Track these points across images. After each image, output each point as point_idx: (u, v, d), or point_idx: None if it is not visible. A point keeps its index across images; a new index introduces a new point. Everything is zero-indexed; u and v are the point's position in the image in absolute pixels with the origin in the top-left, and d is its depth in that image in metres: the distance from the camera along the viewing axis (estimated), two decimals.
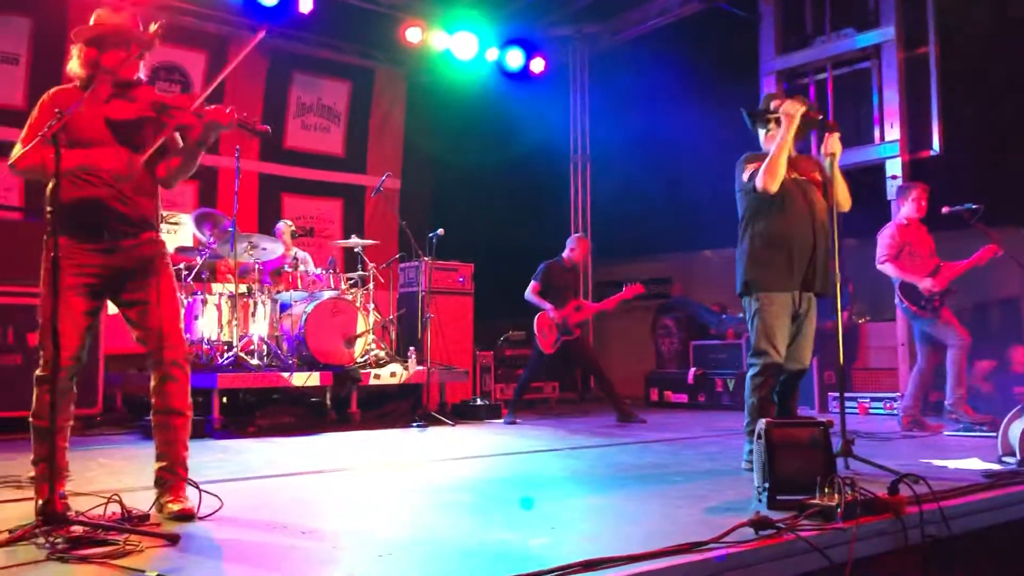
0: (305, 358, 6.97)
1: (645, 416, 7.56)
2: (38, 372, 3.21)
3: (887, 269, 6.41)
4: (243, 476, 4.08)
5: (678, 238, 12.49)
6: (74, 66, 3.35)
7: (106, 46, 3.29)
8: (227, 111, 3.29)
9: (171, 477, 3.28)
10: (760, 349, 4.34)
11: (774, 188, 4.24)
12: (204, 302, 7.03)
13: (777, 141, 4.28)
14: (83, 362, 3.30)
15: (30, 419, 3.20)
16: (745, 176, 4.41)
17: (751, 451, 3.92)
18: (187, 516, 3.13)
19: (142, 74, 3.41)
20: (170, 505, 3.19)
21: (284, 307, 7.34)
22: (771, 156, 4.26)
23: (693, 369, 9.34)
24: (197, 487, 3.26)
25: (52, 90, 3.35)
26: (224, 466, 4.67)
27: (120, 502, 2.97)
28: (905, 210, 6.59)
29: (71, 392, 3.33)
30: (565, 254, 7.70)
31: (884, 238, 6.52)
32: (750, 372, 4.42)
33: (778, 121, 4.37)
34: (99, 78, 3.27)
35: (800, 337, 4.47)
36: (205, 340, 6.95)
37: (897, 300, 6.50)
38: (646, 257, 12.50)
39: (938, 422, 6.38)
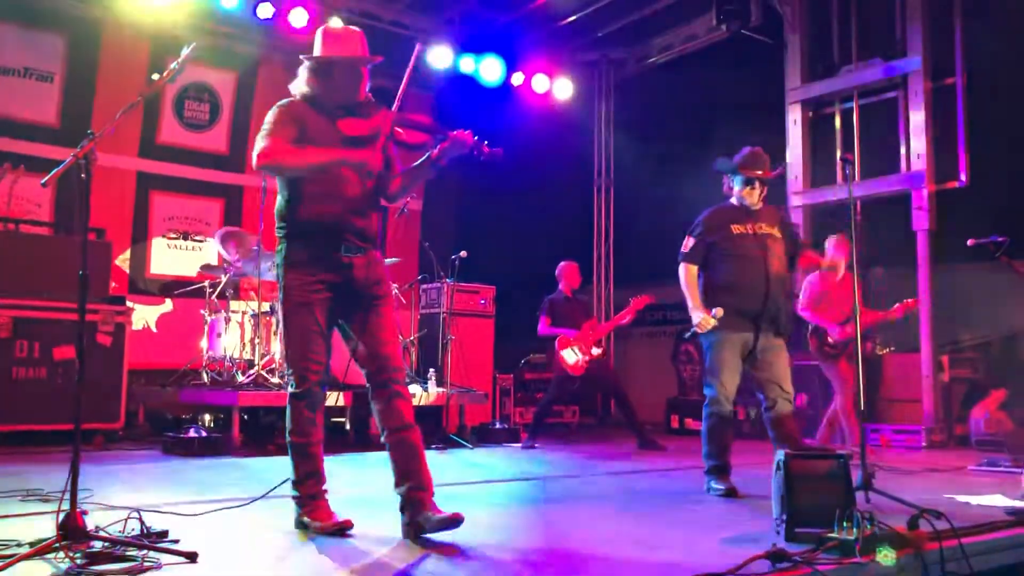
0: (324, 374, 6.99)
1: (665, 443, 7.51)
2: (292, 390, 3.32)
3: (804, 315, 6.65)
4: (261, 495, 4.09)
5: None
6: (299, 85, 3.41)
7: (336, 73, 3.36)
8: (468, 135, 3.31)
9: (422, 495, 3.21)
10: (706, 382, 4.82)
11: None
12: (227, 320, 7.09)
13: (687, 298, 4.80)
14: (327, 378, 3.41)
15: (288, 438, 3.34)
16: (684, 248, 4.87)
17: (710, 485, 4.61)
18: (458, 521, 3.13)
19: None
20: (429, 516, 3.15)
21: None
22: (687, 297, 4.81)
23: None
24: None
25: (284, 101, 3.41)
26: (242, 484, 4.69)
27: (140, 518, 2.99)
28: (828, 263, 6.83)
29: (323, 404, 3.42)
30: (560, 285, 7.76)
31: (807, 285, 6.79)
32: (706, 401, 4.85)
33: (749, 184, 4.76)
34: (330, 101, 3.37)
35: (770, 370, 4.80)
36: (227, 358, 7.01)
37: (810, 343, 6.79)
38: (668, 283, 12.42)
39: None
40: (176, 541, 2.96)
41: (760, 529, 3.48)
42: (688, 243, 4.83)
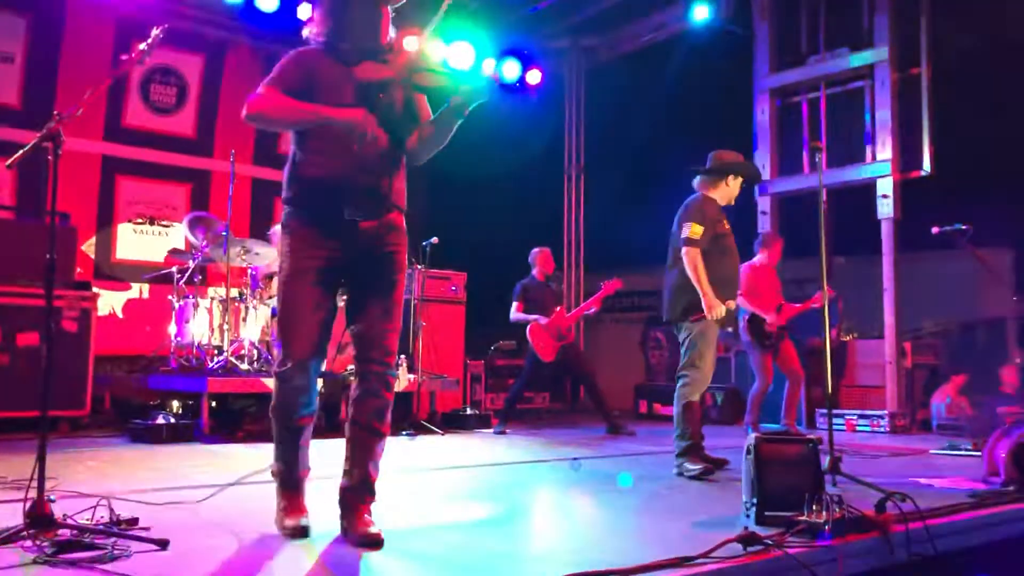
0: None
1: (634, 428, 7.57)
2: (275, 368, 3.01)
3: (741, 302, 6.61)
4: (231, 482, 4.06)
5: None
6: (311, 29, 3.08)
7: (350, 11, 3.00)
8: (491, 76, 2.95)
9: (357, 503, 2.99)
10: (693, 365, 4.95)
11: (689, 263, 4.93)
12: (196, 306, 7.02)
13: (701, 287, 4.84)
14: (322, 360, 3.04)
15: (270, 415, 3.08)
16: (682, 233, 4.99)
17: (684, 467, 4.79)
18: (377, 543, 2.85)
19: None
20: (355, 528, 2.92)
21: (275, 312, 7.32)
22: (700, 287, 4.85)
23: None
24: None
25: (297, 49, 3.06)
26: (212, 471, 4.66)
27: (108, 505, 2.96)
28: (760, 258, 7.20)
29: (312, 388, 3.04)
30: (534, 271, 7.78)
31: (743, 274, 6.69)
32: (680, 383, 4.99)
33: (721, 179, 5.17)
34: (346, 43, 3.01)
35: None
36: (196, 344, 6.94)
37: (742, 331, 6.92)
38: (638, 269, 12.52)
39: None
40: (147, 529, 2.93)
41: (730, 513, 3.52)
42: (697, 230, 4.92)
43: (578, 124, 11.81)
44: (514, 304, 7.62)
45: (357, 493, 3.00)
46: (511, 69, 10.28)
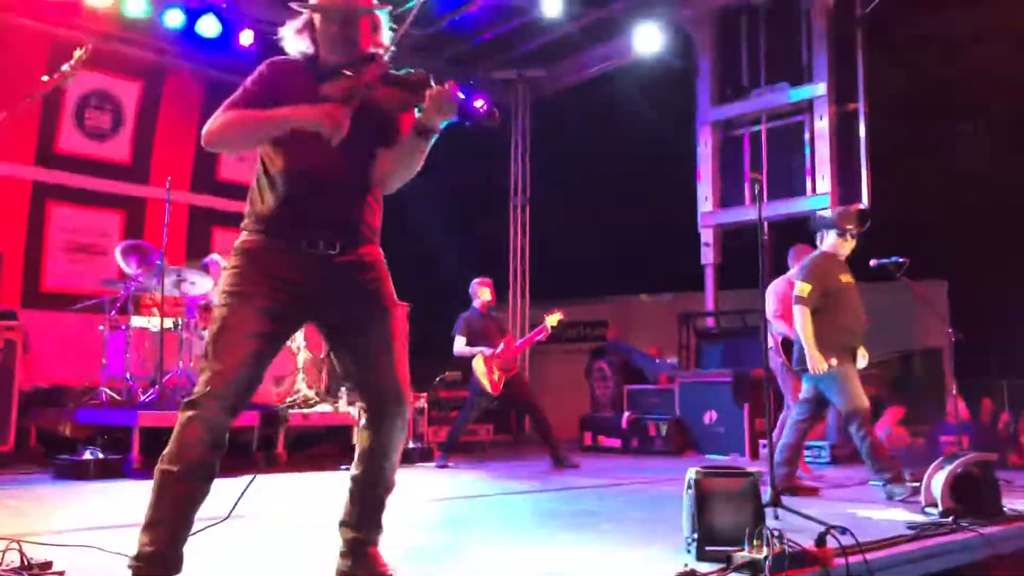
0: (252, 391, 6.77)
1: (578, 460, 7.51)
2: (183, 398, 2.58)
3: (780, 325, 6.41)
4: None
5: (615, 282, 12.64)
6: (289, 44, 2.82)
7: (325, 25, 2.73)
8: (452, 89, 2.60)
9: (373, 549, 2.78)
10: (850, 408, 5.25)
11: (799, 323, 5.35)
12: (128, 337, 6.80)
13: (805, 344, 5.30)
14: (244, 399, 2.57)
15: (159, 462, 2.56)
16: (795, 289, 5.43)
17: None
18: None
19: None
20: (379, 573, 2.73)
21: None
22: (804, 344, 5.30)
23: (627, 414, 9.34)
24: None
25: (268, 61, 2.79)
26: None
27: (19, 549, 2.79)
28: (793, 272, 6.73)
29: (222, 431, 2.55)
30: (475, 303, 7.69)
31: (778, 294, 6.56)
32: (853, 429, 5.27)
33: (843, 235, 5.48)
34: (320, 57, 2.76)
35: None
36: (127, 376, 6.72)
37: (775, 353, 6.49)
38: (583, 300, 12.58)
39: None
40: (60, 573, 2.77)
41: (672, 547, 3.47)
42: (804, 288, 5.32)
43: (524, 155, 11.85)
44: (457, 338, 7.52)
45: (373, 543, 2.81)
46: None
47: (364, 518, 2.77)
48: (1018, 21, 8.54)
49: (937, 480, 4.42)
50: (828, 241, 5.53)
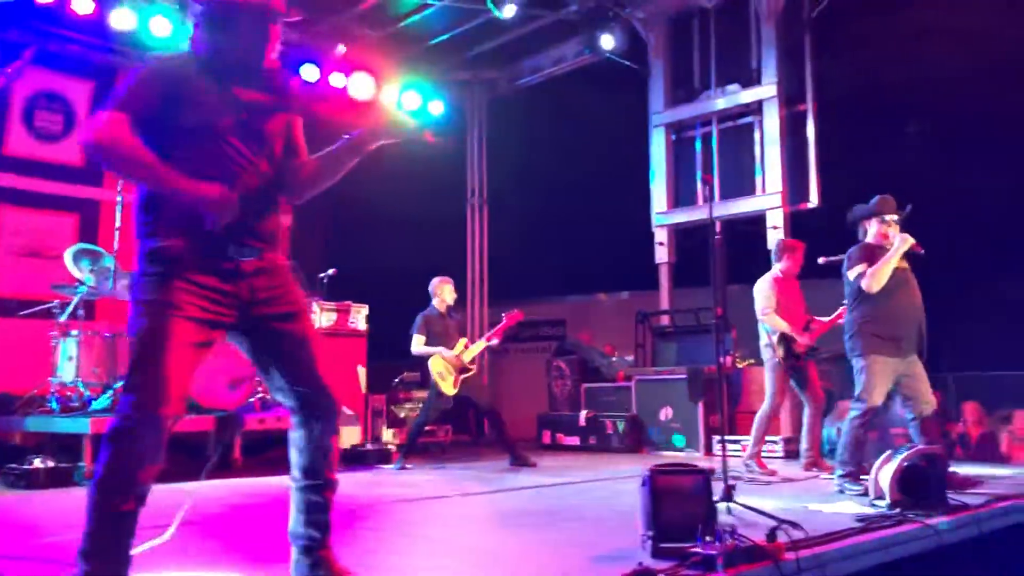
0: (186, 402, 6.69)
1: (537, 459, 7.56)
2: (116, 423, 2.43)
3: (772, 320, 6.50)
4: None
5: (573, 281, 12.72)
6: (190, 41, 2.73)
7: (236, 25, 2.66)
8: (407, 118, 2.70)
9: (327, 554, 2.77)
10: (861, 399, 5.29)
11: (876, 290, 5.24)
12: (79, 342, 6.69)
13: (886, 260, 5.22)
14: (181, 413, 2.54)
15: (94, 490, 2.41)
16: (851, 275, 5.38)
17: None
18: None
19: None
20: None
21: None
22: (879, 269, 5.22)
23: (585, 412, 9.41)
24: None
25: (161, 57, 2.68)
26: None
27: None
28: (782, 265, 6.77)
29: (161, 448, 2.48)
30: (434, 302, 7.67)
31: (764, 291, 6.64)
32: (852, 414, 5.29)
33: (884, 223, 5.41)
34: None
35: (915, 383, 5.36)
36: (79, 382, 6.61)
37: (768, 348, 6.57)
38: (542, 299, 12.63)
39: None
40: None
41: (630, 545, 3.53)
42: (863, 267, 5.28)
43: (480, 155, 11.88)
44: (415, 337, 7.51)
45: (327, 547, 2.79)
46: (412, 101, 10.28)
47: (311, 522, 2.76)
48: (963, 20, 8.78)
49: (885, 473, 4.54)
50: (871, 231, 5.48)
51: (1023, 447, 7.70)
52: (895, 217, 5.40)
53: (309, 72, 9.29)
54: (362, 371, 8.41)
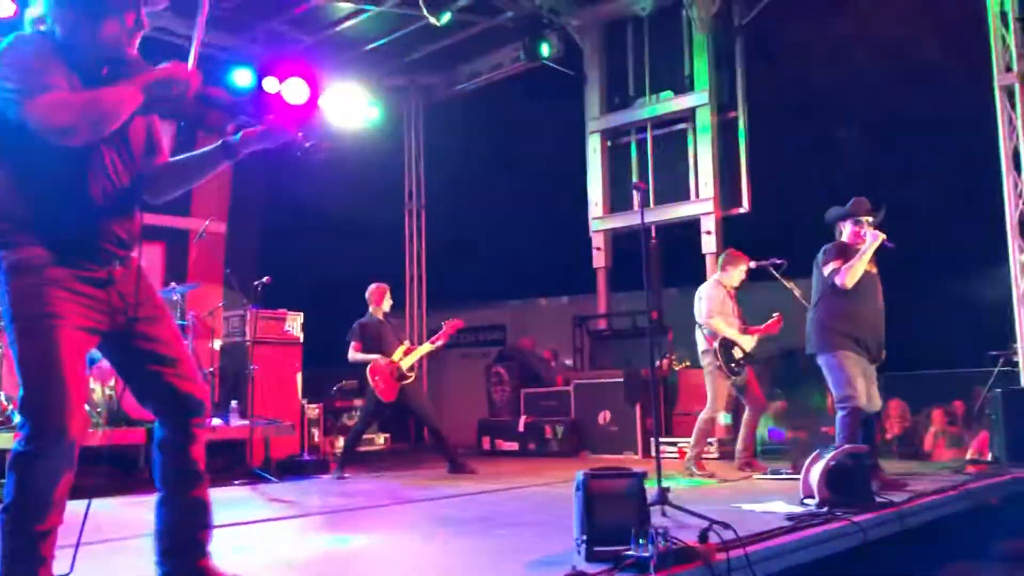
0: (116, 415, 6.53)
1: (476, 465, 7.54)
2: (20, 446, 2.32)
3: (715, 324, 6.55)
4: None
5: (513, 286, 12.75)
6: (45, 22, 2.53)
7: (102, 11, 2.50)
8: (286, 125, 2.68)
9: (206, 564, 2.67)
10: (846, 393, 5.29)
11: (850, 286, 5.31)
12: (3, 355, 6.47)
13: (860, 255, 5.31)
14: (85, 428, 2.48)
15: (7, 519, 2.31)
16: (826, 271, 5.43)
17: None
18: None
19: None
20: None
21: (92, 360, 6.86)
22: (852, 266, 5.30)
23: (524, 417, 9.43)
24: None
25: (26, 35, 2.48)
26: None
27: None
28: (725, 275, 6.83)
29: (71, 467, 2.40)
30: (371, 308, 7.61)
31: (708, 296, 6.70)
32: (841, 415, 5.26)
33: (858, 224, 5.51)
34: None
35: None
36: (3, 396, 6.39)
37: (708, 354, 6.62)
38: (482, 304, 12.64)
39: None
40: None
41: (565, 550, 3.54)
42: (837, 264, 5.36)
43: (418, 160, 11.85)
44: (351, 344, 7.44)
45: (206, 556, 2.72)
46: (347, 106, 10.19)
47: (185, 533, 2.68)
48: (889, 28, 9.05)
49: (814, 472, 4.65)
50: (846, 232, 5.56)
51: (944, 444, 7.96)
52: (869, 218, 5.49)
53: (242, 77, 9.15)
54: (298, 379, 8.31)
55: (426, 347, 7.54)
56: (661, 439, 5.12)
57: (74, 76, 2.44)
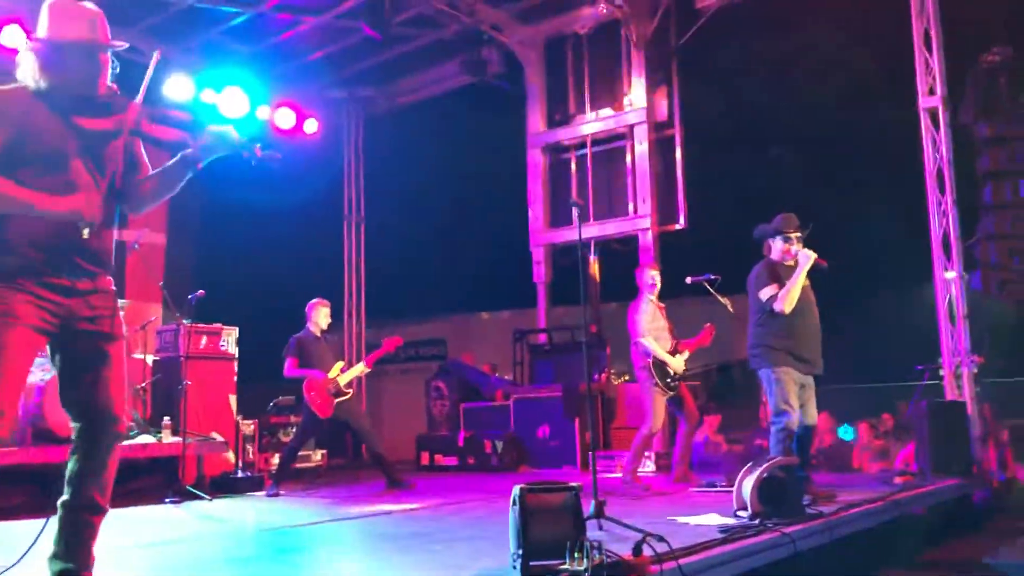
0: (41, 431, 6.32)
1: (415, 481, 7.49)
2: None
3: (648, 344, 6.56)
4: None
5: (454, 300, 12.74)
6: (24, 74, 2.79)
7: (67, 59, 2.78)
8: (233, 131, 2.87)
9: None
10: (782, 411, 5.36)
11: (789, 311, 5.38)
12: None
13: (794, 280, 5.41)
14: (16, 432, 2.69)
15: None
16: (763, 296, 5.47)
17: None
18: None
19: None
20: None
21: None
22: (789, 291, 5.38)
23: (463, 432, 9.40)
24: None
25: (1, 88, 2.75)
26: None
27: None
28: (646, 289, 6.87)
29: None
30: (309, 324, 7.51)
31: (640, 314, 6.71)
32: (776, 428, 5.34)
33: (788, 240, 5.56)
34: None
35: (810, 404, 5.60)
36: None
37: (644, 372, 6.63)
38: (422, 319, 12.60)
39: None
40: None
41: (500, 565, 3.54)
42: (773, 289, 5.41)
43: (357, 173, 11.78)
44: (287, 360, 7.32)
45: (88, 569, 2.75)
46: (286, 117, 10.09)
47: (75, 547, 2.73)
48: (824, 49, 9.30)
49: (747, 484, 4.72)
50: (776, 248, 5.61)
51: (870, 457, 8.17)
52: (798, 234, 5.56)
53: (179, 88, 8.99)
54: (232, 397, 8.15)
55: (360, 367, 7.43)
56: (599, 453, 5.14)
57: (50, 115, 2.73)
